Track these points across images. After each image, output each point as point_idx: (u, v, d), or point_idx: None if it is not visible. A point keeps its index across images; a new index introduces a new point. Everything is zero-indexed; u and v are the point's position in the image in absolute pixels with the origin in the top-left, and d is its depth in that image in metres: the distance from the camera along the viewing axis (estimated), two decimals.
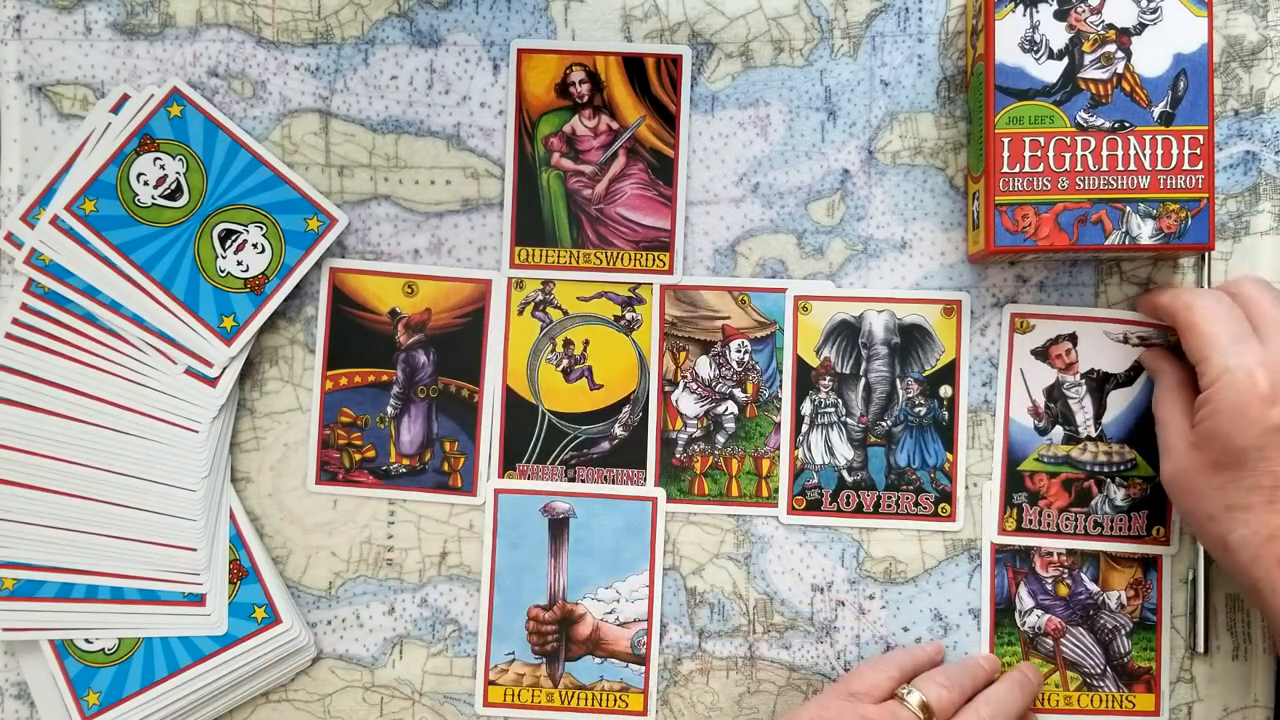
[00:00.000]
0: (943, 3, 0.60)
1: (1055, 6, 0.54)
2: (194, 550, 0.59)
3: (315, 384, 0.61)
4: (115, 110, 0.60)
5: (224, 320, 0.60)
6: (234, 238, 0.60)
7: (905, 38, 0.60)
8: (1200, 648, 0.59)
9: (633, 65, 0.60)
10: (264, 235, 0.60)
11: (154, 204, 0.60)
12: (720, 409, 0.61)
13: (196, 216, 0.60)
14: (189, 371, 0.59)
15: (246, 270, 0.60)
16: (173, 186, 0.60)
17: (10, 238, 0.59)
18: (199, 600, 0.59)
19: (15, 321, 0.59)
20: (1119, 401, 0.60)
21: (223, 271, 0.60)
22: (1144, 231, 0.54)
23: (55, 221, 0.59)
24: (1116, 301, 0.60)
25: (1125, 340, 0.60)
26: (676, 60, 0.60)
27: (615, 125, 0.61)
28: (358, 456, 0.61)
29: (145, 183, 0.60)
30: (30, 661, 0.60)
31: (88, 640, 0.59)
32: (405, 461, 0.61)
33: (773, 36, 0.60)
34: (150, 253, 0.59)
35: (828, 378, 0.61)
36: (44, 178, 0.60)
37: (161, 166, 0.60)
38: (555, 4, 0.61)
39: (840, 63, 0.60)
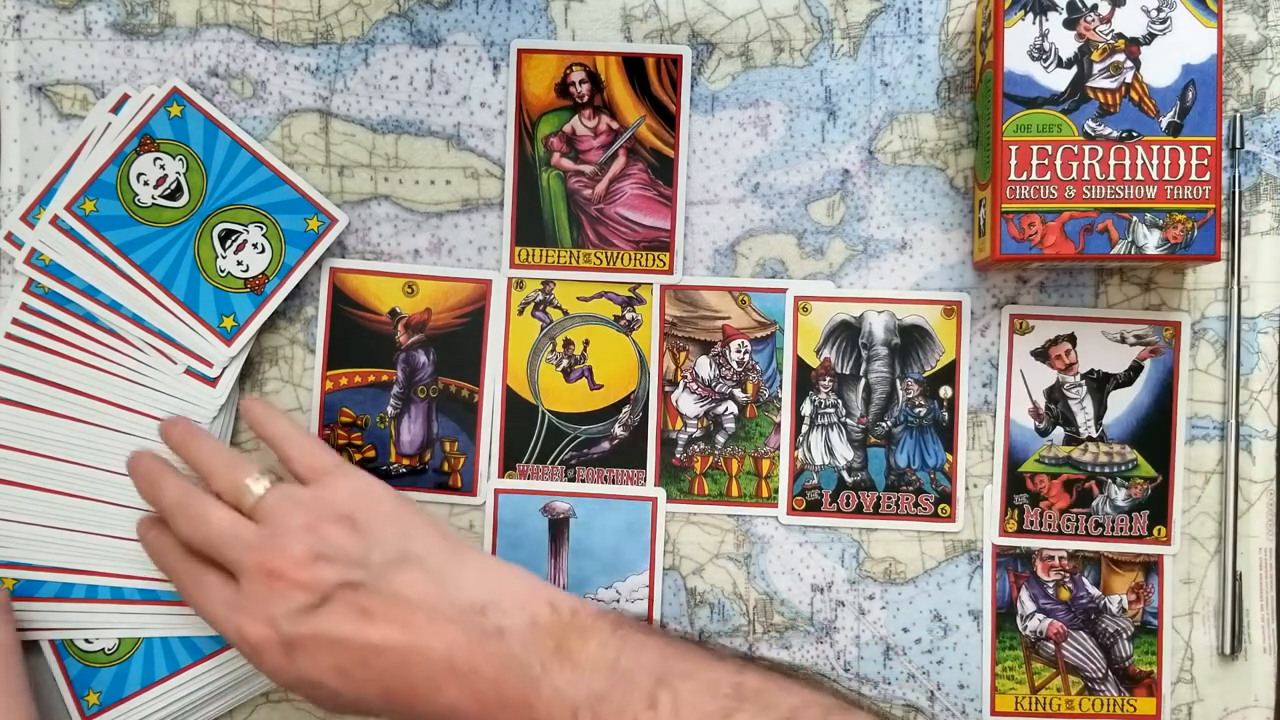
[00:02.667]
0: (943, 3, 0.60)
1: (1064, 15, 0.54)
2: None
3: (315, 384, 0.61)
4: (115, 110, 0.60)
5: (224, 320, 0.60)
6: (234, 238, 0.60)
7: (905, 38, 0.60)
8: (1227, 649, 0.59)
9: (633, 65, 0.60)
10: (264, 235, 0.60)
11: (154, 204, 0.60)
12: (720, 409, 0.61)
13: (196, 216, 0.60)
14: (189, 371, 0.59)
15: (247, 270, 0.60)
16: (173, 186, 0.60)
17: (10, 238, 0.59)
18: None
19: (15, 321, 0.59)
20: (1119, 402, 0.60)
21: (223, 271, 0.60)
22: (1150, 241, 0.54)
23: (55, 221, 0.59)
24: (1116, 302, 0.60)
25: (1123, 340, 0.60)
26: (676, 60, 0.60)
27: (615, 125, 0.61)
28: (358, 456, 0.61)
29: (145, 183, 0.60)
30: (30, 662, 0.60)
31: (87, 640, 0.59)
32: (405, 461, 0.61)
33: (773, 36, 0.60)
34: (150, 253, 0.59)
35: (828, 378, 0.61)
36: (44, 178, 0.60)
37: (161, 166, 0.60)
38: (555, 4, 0.60)
39: (840, 63, 0.60)
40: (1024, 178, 0.55)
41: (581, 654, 0.48)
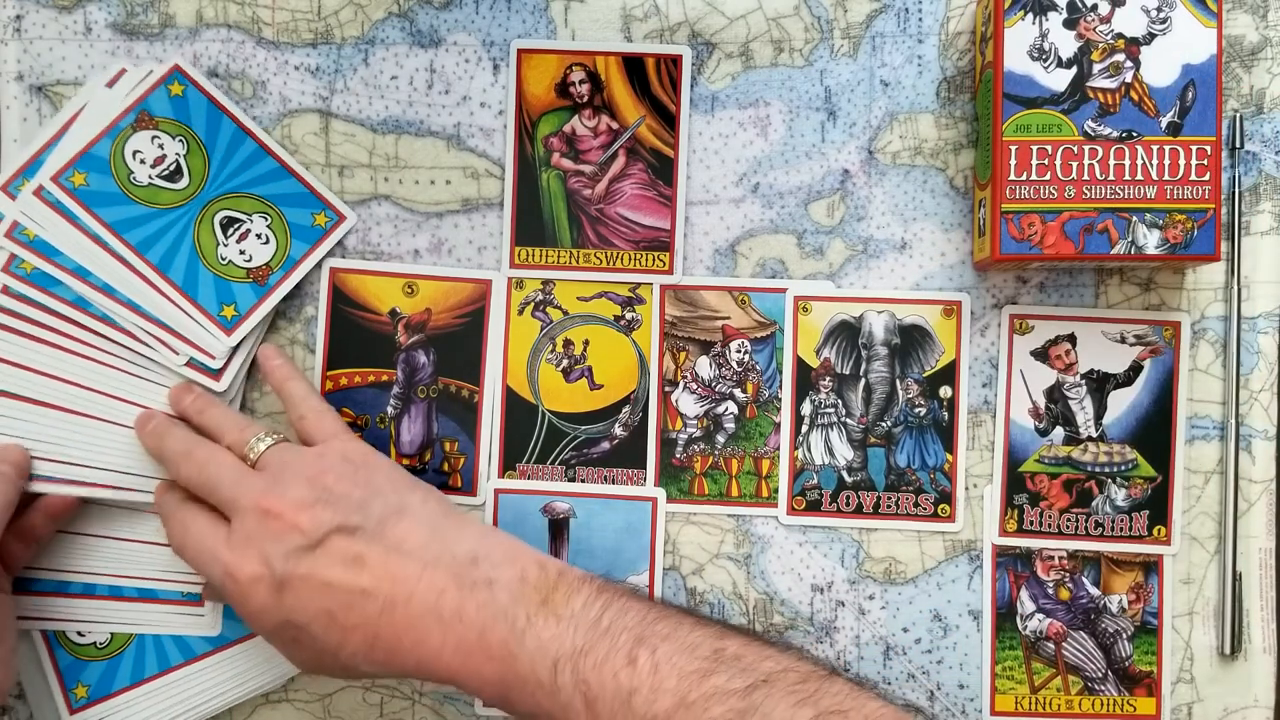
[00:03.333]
0: (943, 3, 0.60)
1: (1064, 15, 0.54)
2: None
3: (315, 384, 0.61)
4: (111, 86, 0.59)
5: (224, 309, 0.59)
6: (237, 226, 0.59)
7: (905, 38, 0.60)
8: (1227, 649, 0.59)
9: (633, 65, 0.60)
10: (269, 226, 0.59)
11: (151, 184, 0.58)
12: (720, 409, 0.61)
13: (197, 201, 0.59)
14: (191, 364, 0.58)
15: (250, 260, 0.59)
16: (172, 168, 0.59)
17: None
18: (197, 600, 0.59)
19: None
20: (1119, 402, 0.60)
21: (224, 260, 0.59)
22: (1150, 241, 0.54)
23: (40, 193, 0.56)
24: (1116, 302, 0.60)
25: (1123, 340, 0.60)
26: (676, 60, 0.60)
27: (615, 125, 0.61)
28: None
29: (142, 161, 0.58)
30: (21, 652, 0.59)
31: (79, 634, 0.59)
32: (405, 461, 0.61)
33: (773, 36, 0.60)
34: (146, 234, 0.58)
35: (828, 378, 0.61)
36: (30, 151, 0.58)
37: (160, 146, 0.59)
38: (555, 4, 0.61)
39: (840, 63, 0.60)
40: (1024, 178, 0.55)
41: (565, 609, 0.49)
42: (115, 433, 0.58)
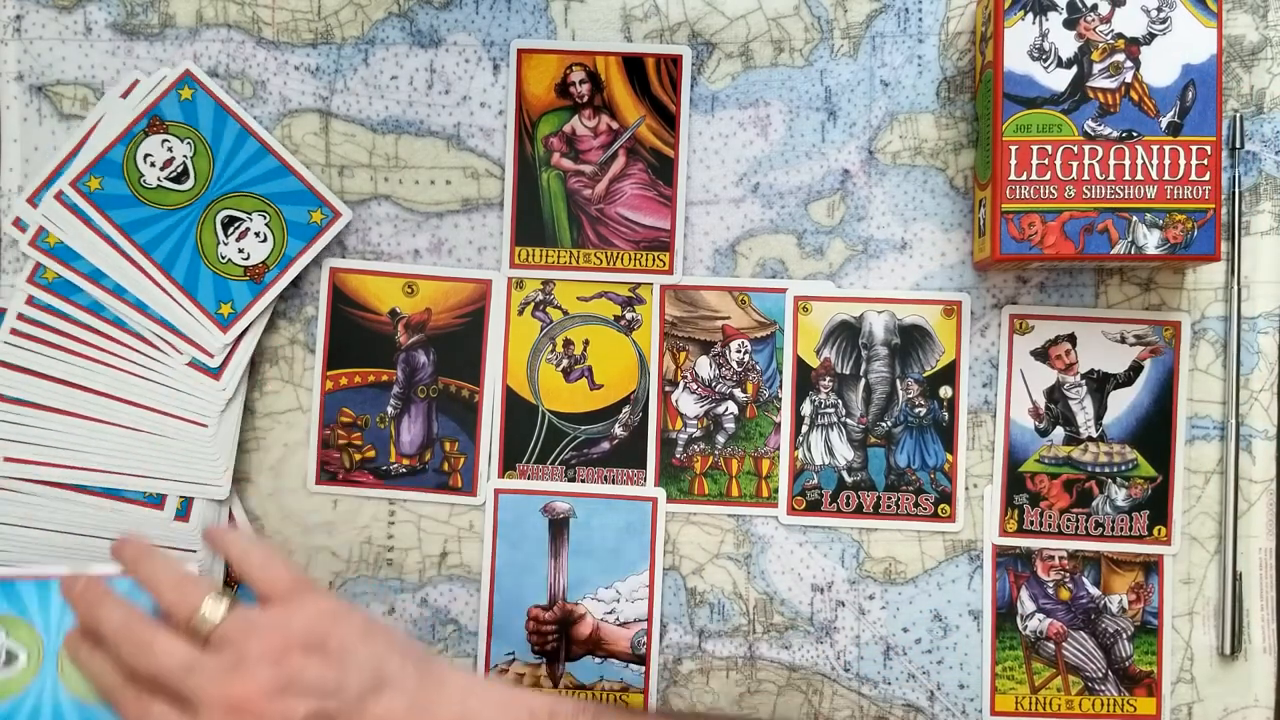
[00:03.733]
0: (943, 3, 0.60)
1: (1064, 15, 0.54)
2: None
3: (315, 384, 0.61)
4: (125, 97, 0.60)
5: (221, 307, 0.59)
6: (237, 225, 0.60)
7: (905, 38, 0.60)
8: (1227, 649, 0.59)
9: (633, 65, 0.60)
10: (267, 224, 0.60)
11: (159, 186, 0.59)
12: (720, 409, 0.61)
13: (201, 201, 0.60)
14: (192, 364, 0.59)
15: (248, 258, 0.60)
16: (179, 170, 0.59)
17: (18, 222, 0.59)
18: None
19: (21, 317, 0.59)
20: (1119, 402, 0.60)
21: (223, 258, 0.60)
22: (1150, 241, 0.54)
23: (60, 197, 0.59)
24: (1117, 302, 0.60)
25: (1123, 340, 0.60)
26: (676, 60, 0.60)
27: (615, 125, 0.61)
28: (358, 456, 0.61)
29: (152, 164, 0.59)
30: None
31: None
32: (405, 461, 0.61)
33: (773, 36, 0.60)
34: (152, 234, 0.59)
35: (828, 378, 0.61)
36: (50, 166, 0.60)
37: (169, 149, 0.59)
38: (555, 4, 0.60)
39: (840, 63, 0.60)
40: (1024, 178, 0.55)
41: None
42: (130, 437, 0.59)
